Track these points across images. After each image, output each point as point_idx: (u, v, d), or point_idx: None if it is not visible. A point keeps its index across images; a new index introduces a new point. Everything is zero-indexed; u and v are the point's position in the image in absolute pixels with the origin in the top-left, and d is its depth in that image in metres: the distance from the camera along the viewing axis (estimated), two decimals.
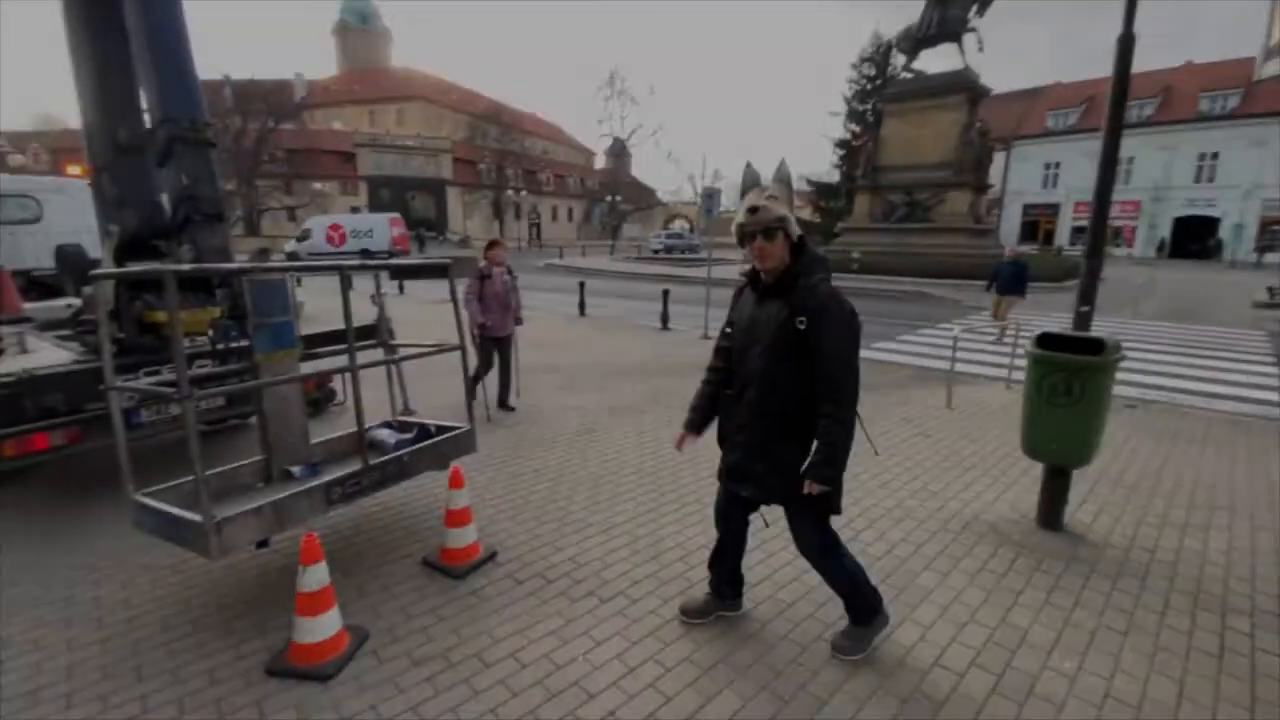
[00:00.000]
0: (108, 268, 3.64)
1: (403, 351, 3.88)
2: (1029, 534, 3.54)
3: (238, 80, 38.38)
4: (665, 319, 10.89)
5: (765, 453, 2.27)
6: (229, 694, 2.24)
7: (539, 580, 3.01)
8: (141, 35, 3.26)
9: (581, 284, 13.09)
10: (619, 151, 61.79)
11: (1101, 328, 3.73)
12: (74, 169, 10.58)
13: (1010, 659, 2.47)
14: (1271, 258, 32.31)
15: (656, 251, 36.67)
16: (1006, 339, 9.79)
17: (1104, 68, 3.34)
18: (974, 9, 20.50)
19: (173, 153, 3.25)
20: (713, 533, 3.40)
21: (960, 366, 7.01)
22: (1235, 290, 19.51)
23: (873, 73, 31.97)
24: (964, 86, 20.68)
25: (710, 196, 10.31)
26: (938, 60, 49.87)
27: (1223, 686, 2.34)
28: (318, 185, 43.29)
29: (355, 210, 39.83)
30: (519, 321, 5.87)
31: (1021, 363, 4.08)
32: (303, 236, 28.30)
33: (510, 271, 5.74)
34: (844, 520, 3.64)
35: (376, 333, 3.94)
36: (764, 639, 2.59)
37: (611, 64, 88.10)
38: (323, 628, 2.35)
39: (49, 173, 31.02)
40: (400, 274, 3.78)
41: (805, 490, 2.18)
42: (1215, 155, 36.58)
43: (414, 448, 3.24)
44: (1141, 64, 3.98)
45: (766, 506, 2.48)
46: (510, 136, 51.70)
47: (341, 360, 3.56)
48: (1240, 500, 4.03)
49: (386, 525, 3.56)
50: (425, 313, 11.49)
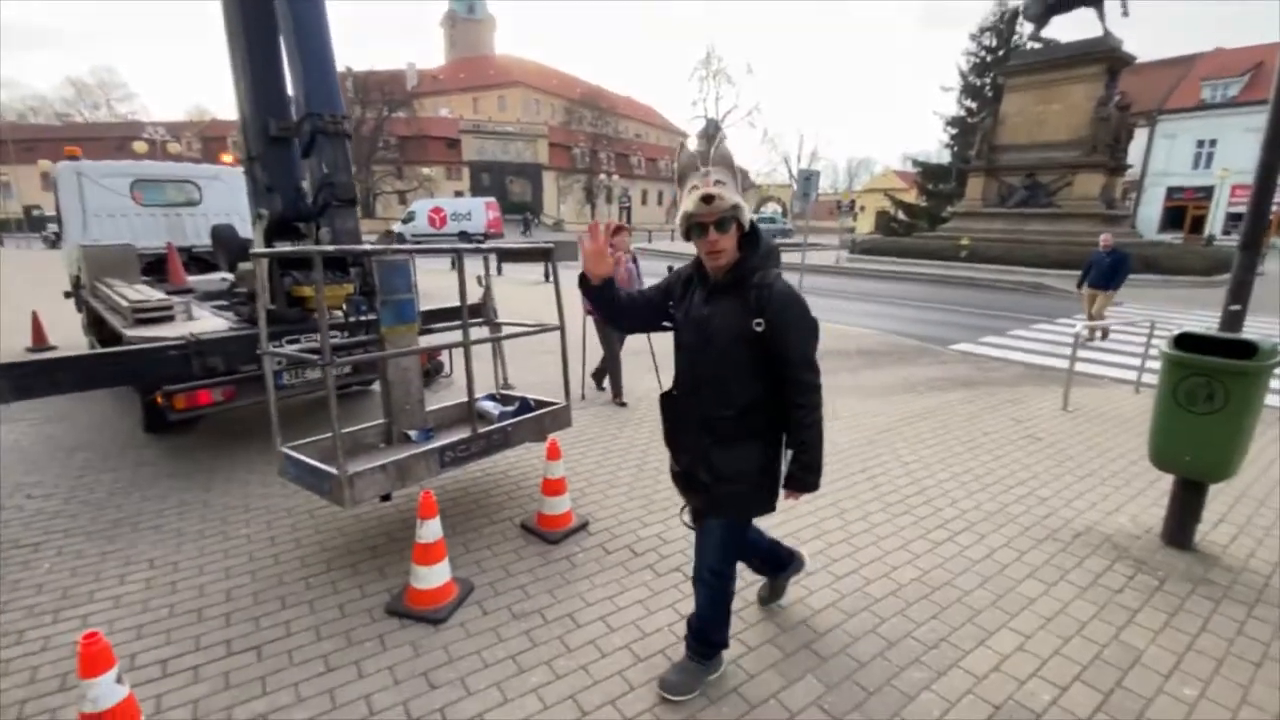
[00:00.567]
0: (259, 248, 4.11)
1: (506, 330, 4.12)
2: (1152, 550, 3.26)
3: (358, 72, 41.26)
4: None
5: (711, 461, 2.06)
6: (356, 627, 2.53)
7: (627, 552, 3.15)
8: (291, 36, 3.63)
9: (670, 267, 13.07)
10: (712, 133, 60.84)
11: (1256, 330, 3.33)
12: (226, 158, 11.81)
13: (1121, 679, 2.32)
14: None
15: None
16: (1097, 340, 8.91)
17: (1274, 32, 2.93)
18: None
19: (315, 143, 3.62)
20: (793, 525, 3.44)
21: (1082, 366, 6.47)
22: None
23: (994, 43, 29.44)
24: (1102, 55, 18.64)
25: (808, 179, 10.00)
26: (1070, 28, 45.07)
27: None
28: (425, 170, 45.91)
29: (459, 194, 41.92)
30: None
31: (1155, 365, 3.72)
32: (408, 218, 30.19)
33: (635, 259, 5.50)
34: (939, 520, 3.53)
35: (484, 311, 4.20)
36: (848, 630, 2.58)
37: (708, 42, 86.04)
38: (436, 576, 2.60)
39: (200, 158, 34.83)
40: (506, 256, 3.97)
41: (785, 499, 2.08)
42: None
43: (517, 419, 3.46)
44: None
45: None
46: (605, 120, 52.31)
47: (451, 336, 3.85)
48: None
49: (488, 490, 3.83)
50: (522, 293, 12.00)
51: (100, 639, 1.72)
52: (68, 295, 7.14)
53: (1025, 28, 22.91)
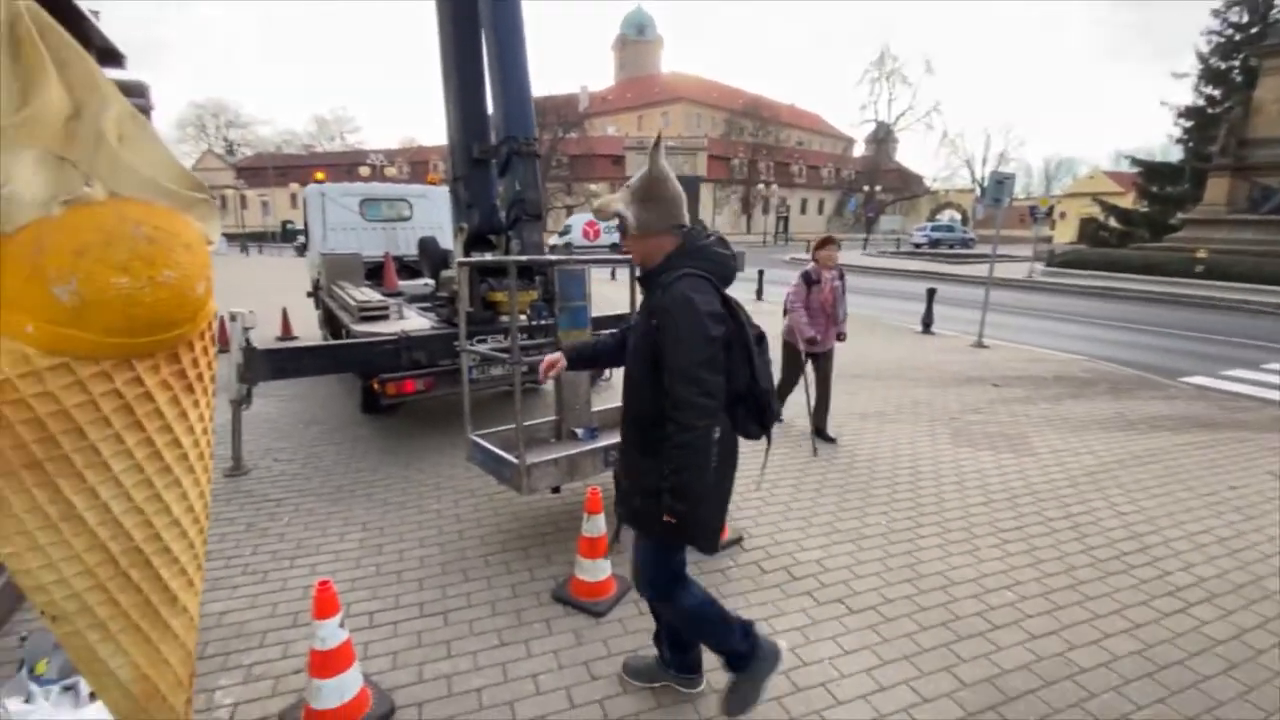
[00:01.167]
0: (460, 257, 4.64)
1: None
2: None
3: (538, 98, 45.02)
4: (928, 321, 9.87)
5: (629, 469, 2.01)
6: (526, 607, 2.72)
7: (784, 574, 3.03)
8: (496, 71, 4.07)
9: None
10: (882, 137, 57.40)
11: None
12: (432, 178, 13.50)
13: None
14: None
15: (919, 246, 33.35)
16: None
17: None
18: None
19: (510, 164, 4.00)
20: (983, 568, 3.08)
21: None
22: None
23: (1243, 19, 24.33)
24: None
25: (1000, 183, 8.93)
26: None
27: None
28: (593, 187, 48.73)
29: None
30: (841, 337, 4.98)
31: None
32: (564, 231, 32.20)
33: (842, 275, 4.90)
34: (1168, 586, 2.96)
35: None
36: (1047, 701, 2.24)
37: (883, 42, 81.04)
38: (598, 570, 2.72)
39: (409, 179, 40.20)
40: None
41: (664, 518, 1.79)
42: None
43: None
44: None
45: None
46: (766, 130, 51.69)
47: None
48: None
49: None
50: None
51: (330, 587, 2.02)
52: (309, 295, 8.61)
53: None
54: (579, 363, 2.39)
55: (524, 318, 4.40)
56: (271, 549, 3.23)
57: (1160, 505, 3.86)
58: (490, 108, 4.52)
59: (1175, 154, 26.94)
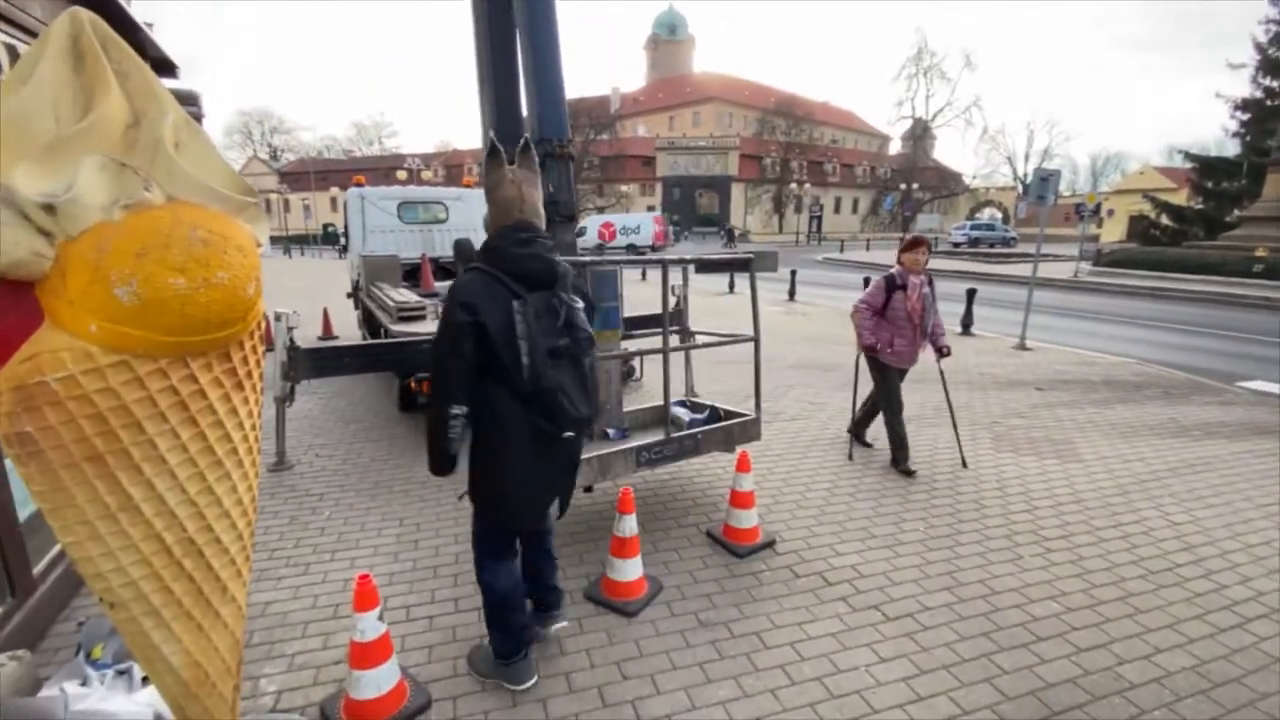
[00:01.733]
0: None
1: (701, 339, 4.18)
2: None
3: (570, 99, 45.36)
4: (967, 323, 9.61)
5: None
6: None
7: (818, 579, 2.99)
8: (530, 73, 4.10)
9: (866, 280, 12.30)
10: (919, 134, 56.20)
11: None
12: (468, 180, 13.77)
13: None
14: None
15: (957, 245, 32.50)
16: None
17: None
18: None
19: (544, 166, 4.03)
20: (1027, 578, 2.99)
21: None
22: None
23: None
24: None
25: (1044, 180, 8.64)
26: None
27: None
28: (623, 187, 48.89)
29: (650, 209, 43.99)
30: (944, 352, 4.31)
31: None
32: (580, 233, 32.39)
33: (931, 282, 4.29)
34: (1224, 600, 2.82)
35: (680, 320, 4.31)
36: (1095, 716, 2.15)
37: (920, 37, 79.00)
38: (630, 570, 2.72)
39: (444, 182, 41.00)
40: (706, 268, 4.00)
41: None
42: None
43: (709, 427, 3.49)
44: None
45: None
46: (799, 128, 51.09)
47: (646, 342, 4.01)
48: None
49: (675, 494, 3.91)
50: (706, 302, 12.16)
51: (370, 580, 2.06)
52: (348, 296, 8.84)
53: None
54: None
55: None
56: (313, 542, 3.32)
57: (1216, 515, 3.68)
58: (525, 110, 4.56)
59: (1232, 148, 25.67)
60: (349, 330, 8.71)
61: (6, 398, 1.02)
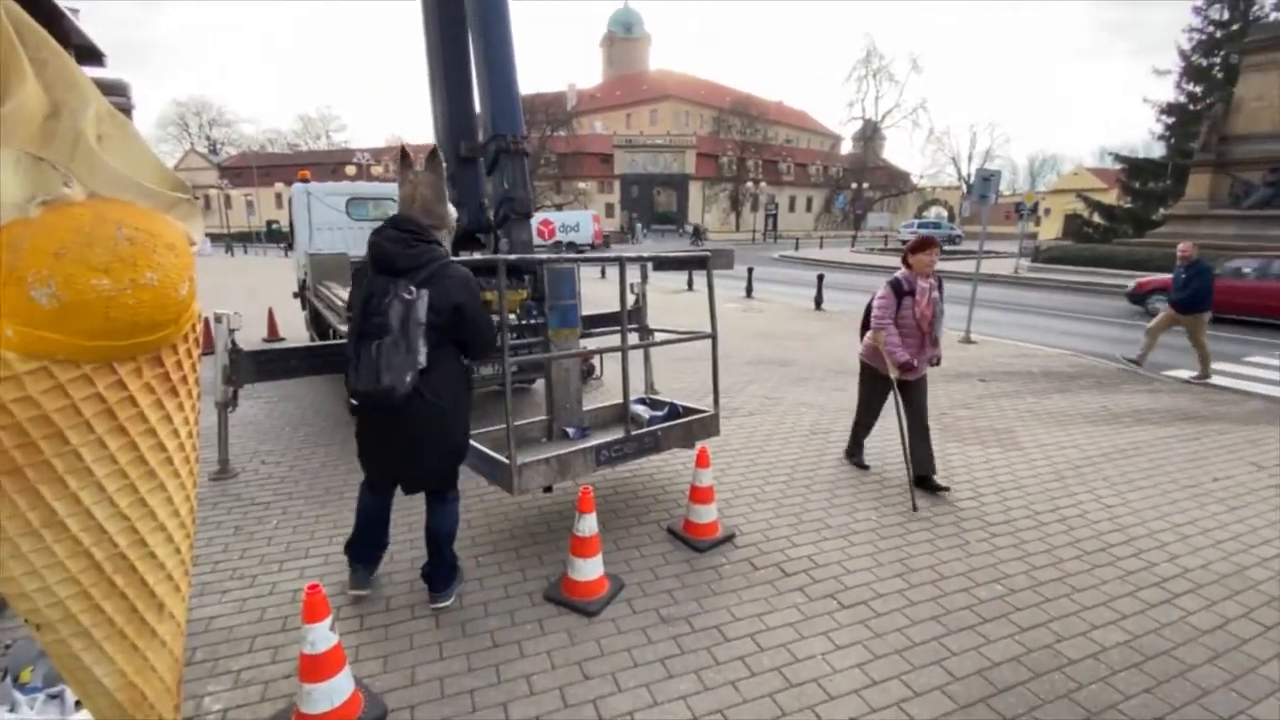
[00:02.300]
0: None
1: (660, 336, 4.20)
2: None
3: (525, 95, 44.81)
4: None
5: None
6: (518, 608, 2.71)
7: (776, 570, 3.04)
8: (483, 70, 4.04)
9: (820, 277, 12.61)
10: (869, 135, 57.75)
11: None
12: None
13: None
14: None
15: (905, 243, 33.58)
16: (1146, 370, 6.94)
17: None
18: None
19: (498, 162, 3.98)
20: (973, 562, 3.12)
21: None
22: None
23: (1224, 16, 24.73)
24: None
25: (986, 180, 9.04)
26: None
27: None
28: (581, 185, 48.58)
29: (609, 207, 43.90)
30: (935, 360, 4.13)
31: None
32: None
33: (940, 283, 3.94)
34: (1154, 577, 3.01)
35: (639, 317, 4.32)
36: (1035, 692, 2.26)
37: (869, 40, 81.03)
38: (590, 569, 2.71)
39: (395, 179, 39.96)
40: (664, 265, 3.97)
41: None
42: None
43: (669, 424, 3.51)
44: None
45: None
46: (754, 128, 51.81)
47: (605, 340, 3.98)
48: None
49: (635, 491, 3.91)
50: (664, 300, 12.21)
51: (320, 590, 1.99)
52: (295, 295, 8.52)
53: None
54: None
55: (514, 317, 4.37)
56: (260, 553, 3.19)
57: (1145, 498, 3.92)
58: (478, 106, 4.49)
59: (1158, 150, 27.39)
60: (296, 331, 8.40)
61: None
